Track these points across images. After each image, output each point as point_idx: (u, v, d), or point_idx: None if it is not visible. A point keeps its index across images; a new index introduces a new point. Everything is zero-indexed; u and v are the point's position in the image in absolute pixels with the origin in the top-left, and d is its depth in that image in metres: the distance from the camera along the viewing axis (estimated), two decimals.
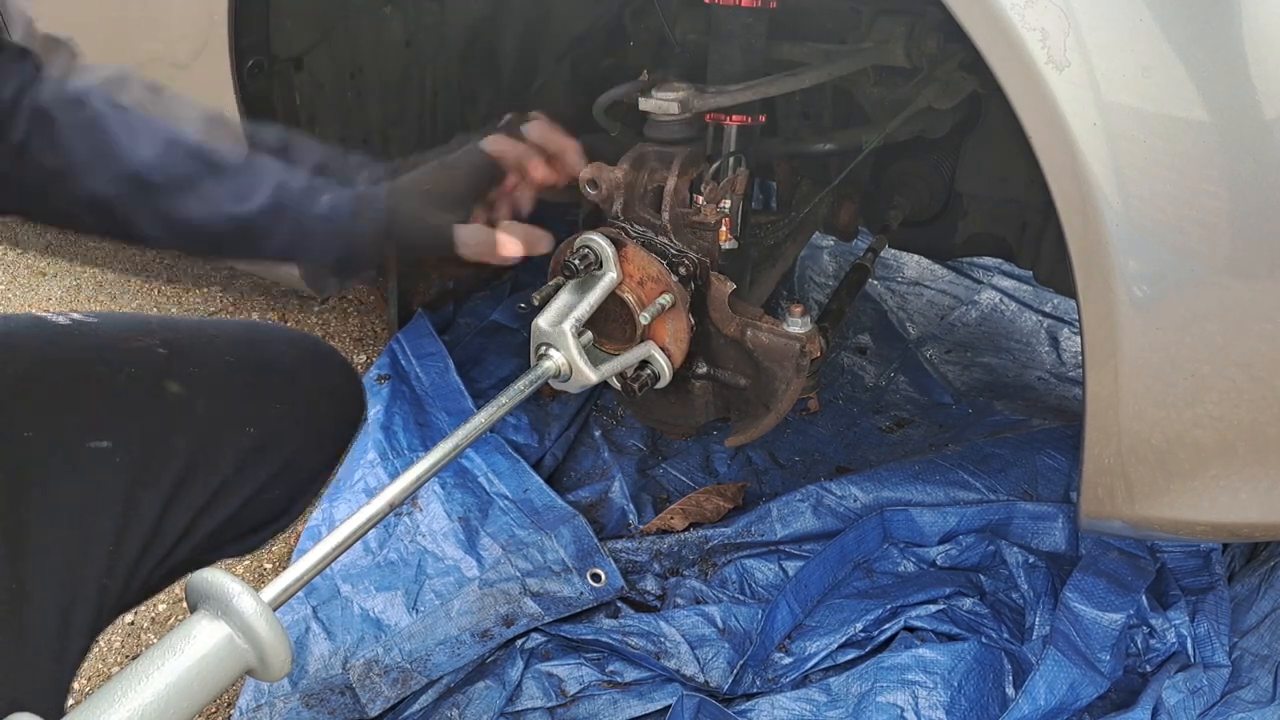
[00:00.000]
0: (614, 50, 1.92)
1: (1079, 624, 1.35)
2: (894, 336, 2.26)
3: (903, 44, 1.35)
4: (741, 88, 1.28)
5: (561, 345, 1.22)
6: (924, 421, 1.98)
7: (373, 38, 1.49)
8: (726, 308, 1.32)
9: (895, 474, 1.65)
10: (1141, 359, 0.96)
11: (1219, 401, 0.96)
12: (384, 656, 1.41)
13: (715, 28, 1.32)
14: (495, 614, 1.47)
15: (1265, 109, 0.84)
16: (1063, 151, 0.89)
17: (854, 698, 1.32)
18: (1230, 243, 0.90)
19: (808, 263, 2.56)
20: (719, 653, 1.41)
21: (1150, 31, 0.84)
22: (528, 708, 1.36)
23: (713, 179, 1.32)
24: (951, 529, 1.56)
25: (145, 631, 1.53)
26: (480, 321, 2.15)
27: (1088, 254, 0.93)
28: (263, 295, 2.37)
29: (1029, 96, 0.89)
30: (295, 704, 1.35)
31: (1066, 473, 1.65)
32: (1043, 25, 0.86)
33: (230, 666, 0.78)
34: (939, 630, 1.43)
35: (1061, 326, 2.34)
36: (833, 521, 1.60)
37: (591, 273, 1.29)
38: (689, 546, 1.60)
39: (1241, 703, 1.30)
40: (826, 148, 1.53)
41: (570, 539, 1.57)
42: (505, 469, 1.71)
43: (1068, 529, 1.54)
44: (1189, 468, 1.01)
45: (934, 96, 1.40)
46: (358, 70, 1.49)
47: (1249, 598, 1.45)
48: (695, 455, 1.84)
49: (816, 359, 1.33)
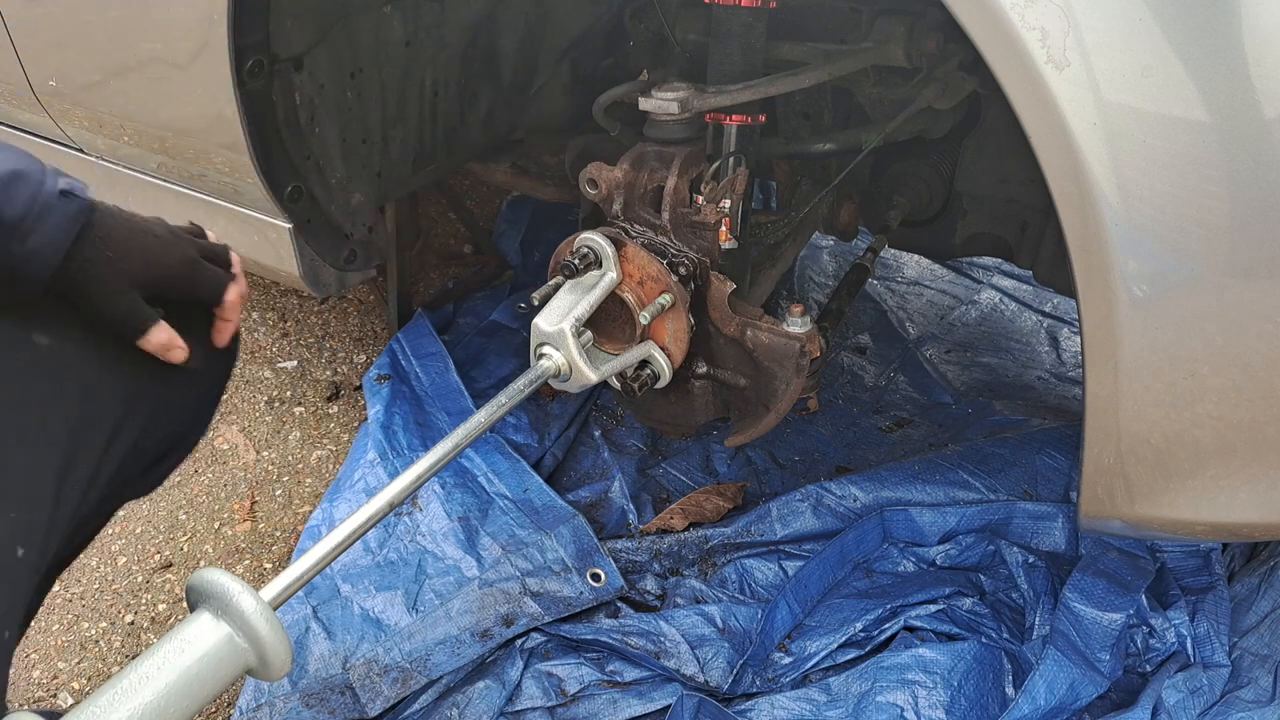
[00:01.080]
0: (614, 50, 1.92)
1: (1079, 624, 1.35)
2: (894, 336, 2.26)
3: (903, 44, 1.35)
4: (741, 88, 1.28)
5: (561, 345, 1.22)
6: (924, 421, 1.98)
7: (373, 38, 1.49)
8: (726, 307, 1.32)
9: (895, 474, 1.65)
10: (1141, 359, 0.96)
11: (1218, 401, 0.96)
12: (384, 656, 1.41)
13: (715, 28, 1.32)
14: (495, 614, 1.47)
15: (1265, 109, 0.84)
16: (1063, 151, 0.89)
17: (854, 697, 1.32)
18: (1230, 243, 0.90)
19: (808, 263, 2.56)
20: (719, 652, 1.41)
21: (1150, 31, 0.84)
22: (528, 707, 1.36)
23: (713, 179, 1.32)
24: (951, 529, 1.56)
25: (145, 631, 1.53)
26: (480, 321, 2.15)
27: (1088, 254, 0.93)
28: (262, 294, 2.37)
29: (1029, 96, 0.89)
30: (295, 703, 1.35)
31: (1066, 473, 1.65)
32: (1043, 25, 0.86)
33: (230, 666, 0.78)
34: (939, 630, 1.43)
35: (1061, 326, 2.34)
36: (833, 521, 1.60)
37: (591, 272, 1.29)
38: (689, 546, 1.60)
39: (1241, 702, 1.31)
40: (826, 148, 1.53)
41: (570, 539, 1.57)
42: (505, 469, 1.71)
43: (1068, 529, 1.54)
44: (1188, 468, 1.01)
45: (934, 96, 1.40)
46: (358, 70, 1.49)
47: (1249, 597, 1.45)
48: (695, 455, 1.84)
49: (816, 359, 1.33)
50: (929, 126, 1.55)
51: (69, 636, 1.52)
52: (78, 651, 1.50)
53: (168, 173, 1.58)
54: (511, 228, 2.40)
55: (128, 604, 1.57)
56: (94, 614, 1.55)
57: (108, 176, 1.65)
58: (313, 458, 1.88)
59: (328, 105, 1.46)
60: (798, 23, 1.41)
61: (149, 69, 1.39)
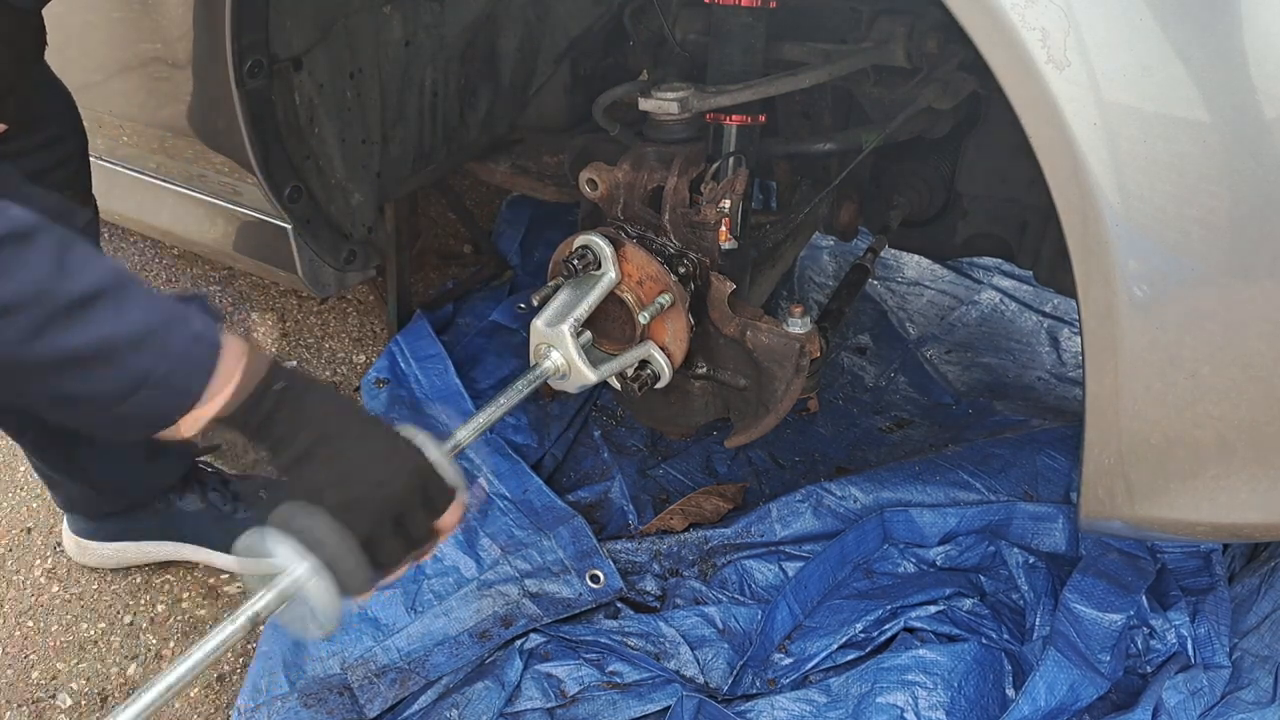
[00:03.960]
0: (614, 50, 1.92)
1: (1079, 625, 1.35)
2: (894, 336, 2.26)
3: (903, 44, 1.35)
4: (741, 88, 1.27)
5: (560, 345, 1.22)
6: (924, 422, 1.98)
7: (373, 38, 1.49)
8: (726, 308, 1.32)
9: (895, 474, 1.65)
10: (1141, 359, 0.95)
11: (1219, 401, 0.96)
12: (382, 656, 1.41)
13: (715, 28, 1.32)
14: (494, 614, 1.47)
15: (1265, 109, 0.84)
16: (1063, 151, 0.89)
17: (854, 698, 1.32)
18: (1230, 243, 0.90)
19: (808, 263, 2.55)
20: (719, 653, 1.41)
21: (1150, 31, 0.84)
22: (527, 708, 1.35)
23: (713, 179, 1.32)
24: (951, 529, 1.56)
25: (144, 632, 1.53)
26: (480, 321, 2.15)
27: (1088, 254, 0.93)
28: (261, 294, 2.36)
29: (1029, 96, 0.89)
30: (294, 704, 1.35)
31: (1066, 473, 1.65)
32: (1043, 25, 0.85)
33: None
34: (939, 631, 1.43)
35: (1061, 326, 2.34)
36: (833, 522, 1.60)
37: (590, 273, 1.29)
38: (689, 547, 1.60)
39: (1242, 703, 1.30)
40: (826, 148, 1.53)
41: (569, 539, 1.56)
42: (505, 469, 1.70)
43: (1068, 529, 1.54)
44: (1189, 468, 1.01)
45: (934, 96, 1.40)
46: (357, 70, 1.49)
47: (1249, 598, 1.45)
48: (695, 455, 1.84)
49: (816, 359, 1.33)
50: (929, 127, 1.55)
51: (68, 637, 1.52)
52: (76, 652, 1.50)
53: (167, 173, 1.58)
54: (511, 228, 2.40)
55: (126, 605, 1.57)
56: (93, 614, 1.55)
57: (107, 177, 1.65)
58: None
59: (327, 105, 1.46)
60: (798, 23, 1.41)
61: (149, 69, 1.40)
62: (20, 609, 1.56)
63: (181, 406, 0.81)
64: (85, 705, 1.42)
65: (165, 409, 0.81)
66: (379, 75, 1.53)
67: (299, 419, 0.88)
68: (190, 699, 1.42)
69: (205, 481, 1.56)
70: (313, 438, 0.88)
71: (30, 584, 1.60)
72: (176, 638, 1.52)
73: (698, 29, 1.49)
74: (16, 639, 1.51)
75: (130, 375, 0.78)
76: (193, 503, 1.54)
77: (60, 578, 1.61)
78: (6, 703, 1.42)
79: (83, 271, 0.76)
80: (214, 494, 1.55)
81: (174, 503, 1.53)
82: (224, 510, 1.54)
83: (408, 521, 0.90)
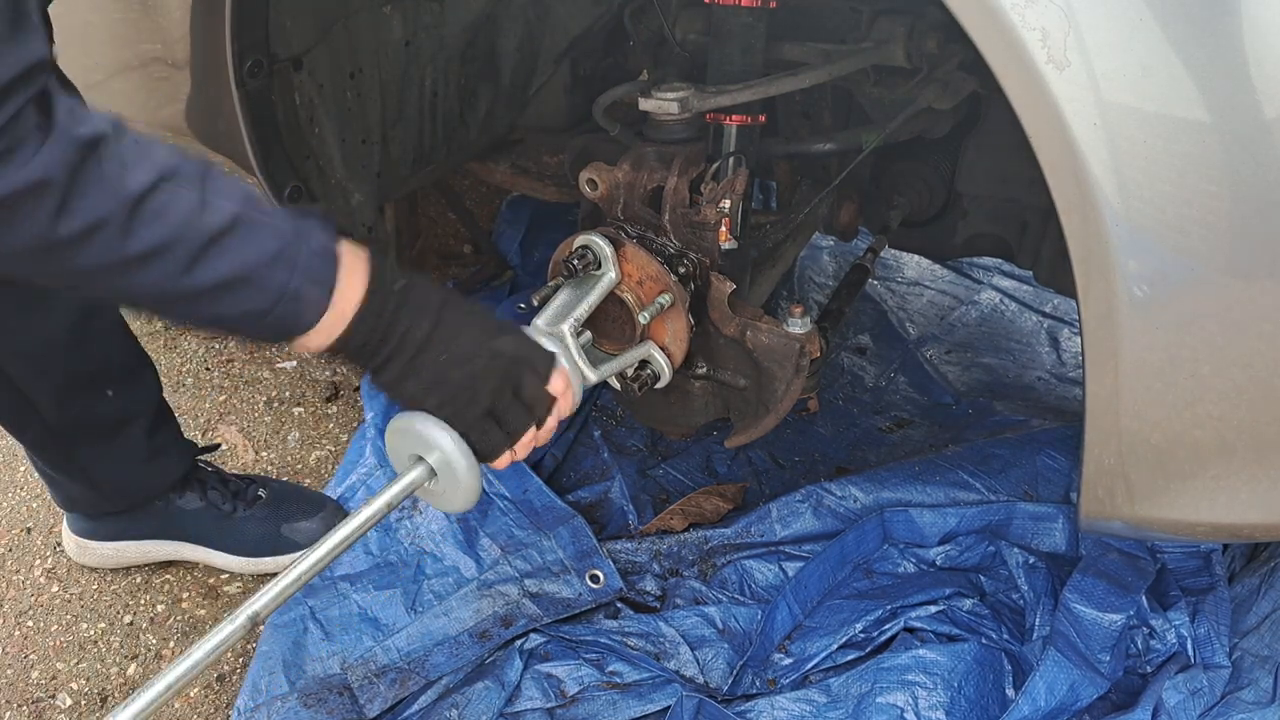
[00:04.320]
0: (614, 50, 1.92)
1: (1079, 625, 1.35)
2: (894, 336, 2.26)
3: (903, 44, 1.35)
4: (741, 88, 1.27)
5: (560, 345, 1.22)
6: (924, 422, 1.98)
7: (373, 38, 1.49)
8: (726, 308, 1.32)
9: (895, 474, 1.65)
10: (1141, 359, 0.95)
11: (1219, 401, 0.96)
12: (382, 656, 1.41)
13: (715, 28, 1.32)
14: (494, 614, 1.47)
15: (1265, 109, 0.84)
16: (1063, 151, 0.89)
17: (854, 698, 1.32)
18: (1230, 243, 0.90)
19: (808, 263, 2.55)
20: (719, 653, 1.41)
21: (1150, 31, 0.84)
22: (527, 708, 1.35)
23: (713, 179, 1.32)
24: (951, 529, 1.56)
25: (144, 632, 1.53)
26: None
27: (1088, 254, 0.93)
28: None
29: (1029, 96, 0.89)
30: (293, 704, 1.35)
31: (1066, 473, 1.64)
32: (1043, 25, 0.85)
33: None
34: (939, 631, 1.43)
35: (1061, 326, 2.34)
36: (833, 522, 1.60)
37: (590, 273, 1.28)
38: (688, 547, 1.60)
39: (1242, 703, 1.30)
40: (826, 148, 1.53)
41: (569, 539, 1.56)
42: (504, 469, 1.70)
43: (1068, 529, 1.54)
44: (1189, 468, 1.01)
45: (934, 96, 1.40)
46: (357, 70, 1.49)
47: (1249, 598, 1.45)
48: (695, 455, 1.84)
49: (816, 359, 1.33)
50: (929, 127, 1.55)
51: (67, 637, 1.52)
52: (76, 652, 1.50)
53: None
54: (511, 228, 2.40)
55: (126, 604, 1.57)
56: (92, 614, 1.55)
57: None
58: (311, 458, 1.88)
59: (327, 105, 1.46)
60: (798, 23, 1.41)
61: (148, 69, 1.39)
62: (20, 609, 1.56)
63: (317, 311, 0.91)
64: (85, 705, 1.42)
65: (304, 316, 0.90)
66: (379, 75, 1.53)
67: (420, 312, 0.98)
68: (190, 699, 1.43)
69: (205, 481, 1.56)
70: (431, 325, 0.98)
71: (30, 584, 1.60)
72: (176, 638, 1.52)
73: (698, 29, 1.49)
74: (16, 639, 1.51)
75: (270, 291, 0.87)
76: (193, 502, 1.54)
77: (60, 577, 1.61)
78: (6, 703, 1.42)
79: (221, 201, 0.83)
80: (214, 493, 1.55)
81: (174, 502, 1.53)
82: (224, 510, 1.55)
83: (499, 412, 1.04)
